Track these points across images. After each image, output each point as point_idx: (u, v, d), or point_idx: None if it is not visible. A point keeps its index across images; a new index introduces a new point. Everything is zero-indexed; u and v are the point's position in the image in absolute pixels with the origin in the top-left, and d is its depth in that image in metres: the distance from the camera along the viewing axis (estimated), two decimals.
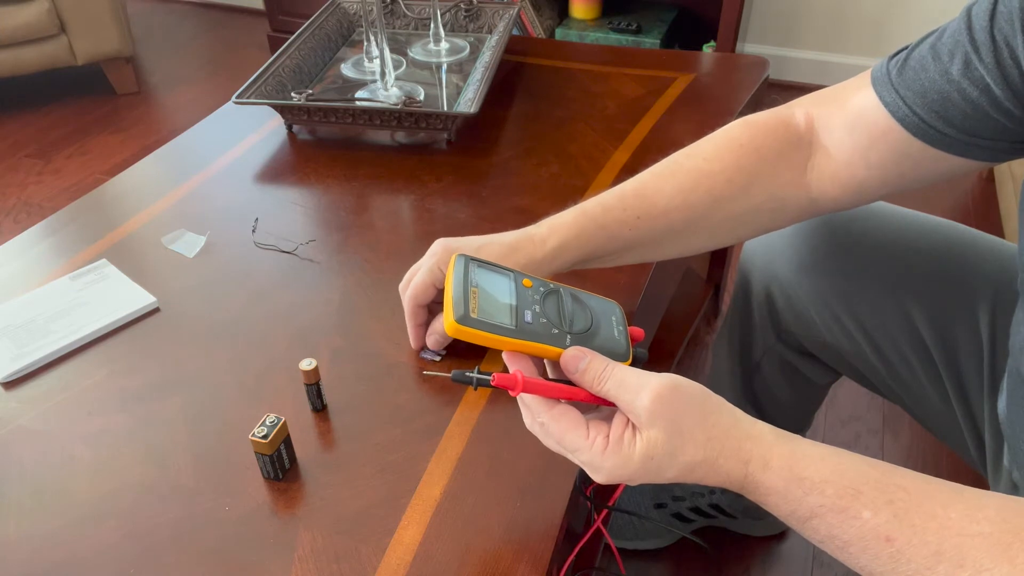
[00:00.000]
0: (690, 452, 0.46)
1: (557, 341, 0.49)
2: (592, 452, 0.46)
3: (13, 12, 2.14)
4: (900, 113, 0.58)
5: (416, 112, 1.04)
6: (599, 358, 0.48)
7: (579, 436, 0.47)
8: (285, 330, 0.79)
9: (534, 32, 2.06)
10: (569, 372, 0.49)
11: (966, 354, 0.71)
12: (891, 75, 0.60)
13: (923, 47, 0.58)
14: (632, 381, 0.47)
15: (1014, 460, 0.63)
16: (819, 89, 0.69)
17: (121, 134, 2.26)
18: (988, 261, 0.73)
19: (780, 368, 0.92)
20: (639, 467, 0.46)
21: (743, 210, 0.66)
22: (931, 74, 0.56)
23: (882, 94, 0.60)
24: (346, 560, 0.58)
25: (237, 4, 3.05)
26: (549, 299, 0.52)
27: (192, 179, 1.04)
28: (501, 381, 0.47)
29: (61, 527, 0.61)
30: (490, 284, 0.51)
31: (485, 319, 0.48)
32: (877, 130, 0.60)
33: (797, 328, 0.85)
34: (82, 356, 0.77)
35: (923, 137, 0.58)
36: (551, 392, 0.48)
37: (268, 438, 0.61)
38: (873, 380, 0.82)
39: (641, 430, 0.46)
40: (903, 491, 0.43)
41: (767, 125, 0.66)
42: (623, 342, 0.52)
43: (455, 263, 0.51)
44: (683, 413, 0.46)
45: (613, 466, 0.46)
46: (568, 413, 0.48)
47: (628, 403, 0.46)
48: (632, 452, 0.46)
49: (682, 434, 0.45)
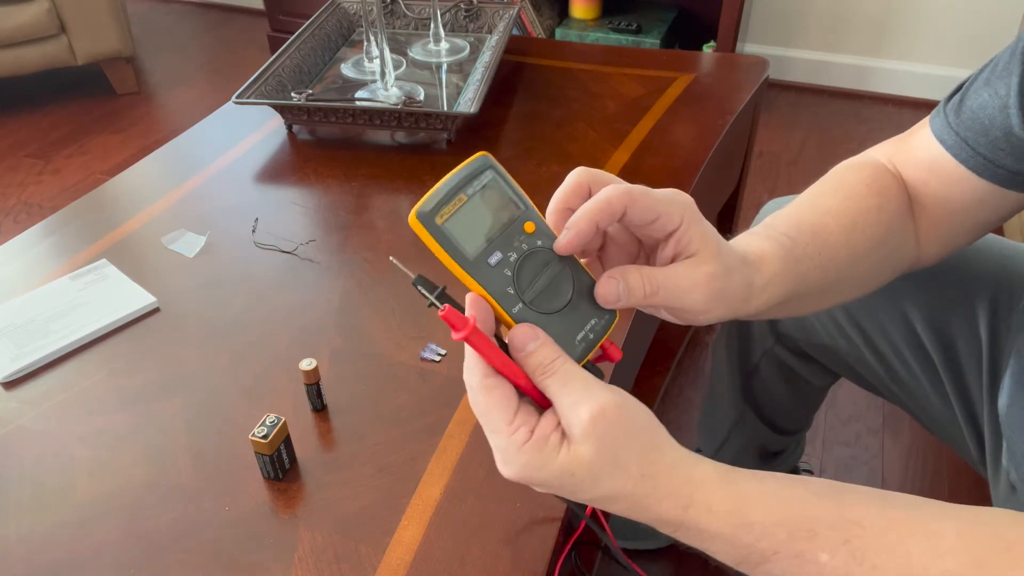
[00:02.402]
0: (618, 483, 0.41)
1: (506, 302, 0.43)
2: (508, 441, 0.42)
3: (13, 12, 2.14)
4: (963, 155, 0.56)
5: (416, 112, 1.04)
6: (551, 346, 0.43)
7: (502, 418, 0.42)
8: (285, 330, 0.79)
9: (534, 32, 2.06)
10: (515, 349, 0.43)
11: (965, 353, 0.71)
12: (948, 117, 0.57)
13: (978, 83, 0.55)
14: (577, 387, 0.42)
15: (1012, 460, 0.63)
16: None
17: (121, 134, 2.26)
18: (987, 259, 0.72)
19: (779, 370, 0.91)
20: (553, 478, 0.41)
21: (883, 255, 0.59)
22: (990, 111, 0.53)
23: (943, 137, 0.57)
24: (346, 560, 0.58)
25: (237, 4, 3.05)
26: (535, 257, 0.44)
27: (192, 179, 1.04)
28: (451, 315, 0.41)
29: (61, 527, 0.61)
30: (487, 202, 0.44)
31: (447, 233, 0.42)
32: (950, 178, 0.57)
33: (795, 330, 0.85)
34: (82, 356, 0.77)
35: (994, 179, 0.55)
36: (494, 360, 0.42)
37: (268, 438, 0.61)
38: (872, 381, 0.82)
39: (570, 442, 0.41)
40: (858, 526, 0.40)
41: (877, 171, 0.60)
42: (580, 349, 0.45)
43: (474, 159, 0.44)
44: (622, 440, 0.41)
45: (526, 464, 0.41)
46: (501, 388, 0.42)
47: (566, 409, 0.41)
48: (552, 459, 0.41)
49: (615, 462, 0.41)
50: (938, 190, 0.59)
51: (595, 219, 0.43)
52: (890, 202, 0.58)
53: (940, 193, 0.58)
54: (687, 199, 0.45)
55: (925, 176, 0.59)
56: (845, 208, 0.57)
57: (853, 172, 0.60)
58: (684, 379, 1.43)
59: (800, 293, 0.53)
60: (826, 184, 0.60)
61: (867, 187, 0.58)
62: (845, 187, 0.59)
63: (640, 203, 0.43)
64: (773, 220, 0.55)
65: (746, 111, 1.20)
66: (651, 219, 0.43)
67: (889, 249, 0.59)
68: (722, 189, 1.33)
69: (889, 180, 0.60)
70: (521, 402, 0.43)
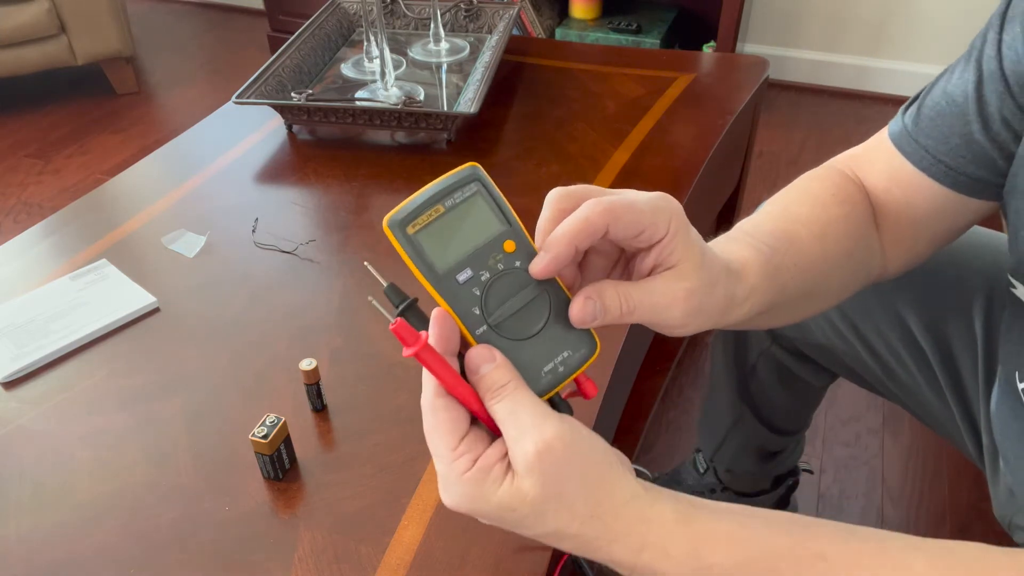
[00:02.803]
0: (564, 521, 0.39)
1: (470, 323, 0.40)
2: (449, 468, 0.39)
3: (13, 12, 2.14)
4: (924, 163, 0.55)
5: (416, 112, 1.04)
6: (506, 370, 0.40)
7: (445, 443, 0.39)
8: (285, 330, 0.79)
9: (534, 32, 2.06)
10: (469, 371, 0.40)
11: (961, 353, 0.71)
12: (907, 125, 0.57)
13: (936, 91, 0.56)
14: (525, 417, 0.39)
15: (1007, 465, 0.63)
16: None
17: (121, 134, 2.26)
18: (981, 256, 0.72)
19: (776, 371, 0.91)
20: (493, 511, 0.39)
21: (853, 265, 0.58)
22: (948, 118, 0.53)
23: (902, 146, 0.57)
24: (346, 560, 0.58)
25: (237, 4, 3.05)
26: (510, 279, 0.41)
27: (192, 179, 1.04)
28: (401, 329, 0.38)
29: (61, 527, 0.61)
30: (467, 216, 0.41)
31: (418, 244, 0.40)
32: (912, 188, 0.57)
33: (791, 330, 0.85)
34: (82, 356, 0.77)
35: (956, 187, 0.55)
36: (446, 380, 0.40)
37: (268, 438, 0.61)
38: (870, 380, 0.81)
39: (514, 476, 0.39)
40: (823, 560, 0.38)
41: (842, 180, 0.60)
42: (545, 381, 0.42)
43: (462, 169, 0.42)
44: (569, 477, 0.38)
45: (464, 495, 0.39)
46: (449, 411, 0.40)
47: (511, 440, 0.39)
48: (492, 492, 0.38)
49: (560, 499, 0.38)
50: (900, 198, 0.58)
51: (574, 241, 0.40)
52: (856, 211, 0.58)
53: (902, 201, 0.58)
54: (675, 206, 0.42)
55: (886, 184, 0.59)
56: (815, 217, 0.55)
57: (818, 182, 0.59)
58: (684, 379, 1.43)
59: (778, 304, 0.51)
60: (792, 193, 0.59)
61: (832, 196, 0.57)
62: (811, 196, 0.58)
63: (624, 219, 0.40)
64: (750, 228, 0.53)
65: (746, 111, 1.20)
66: (635, 233, 0.40)
67: (857, 260, 0.58)
68: (722, 189, 1.33)
69: (853, 189, 0.59)
70: (473, 428, 0.40)
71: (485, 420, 0.41)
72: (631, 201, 0.40)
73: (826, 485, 1.22)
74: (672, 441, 1.32)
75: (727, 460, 1.03)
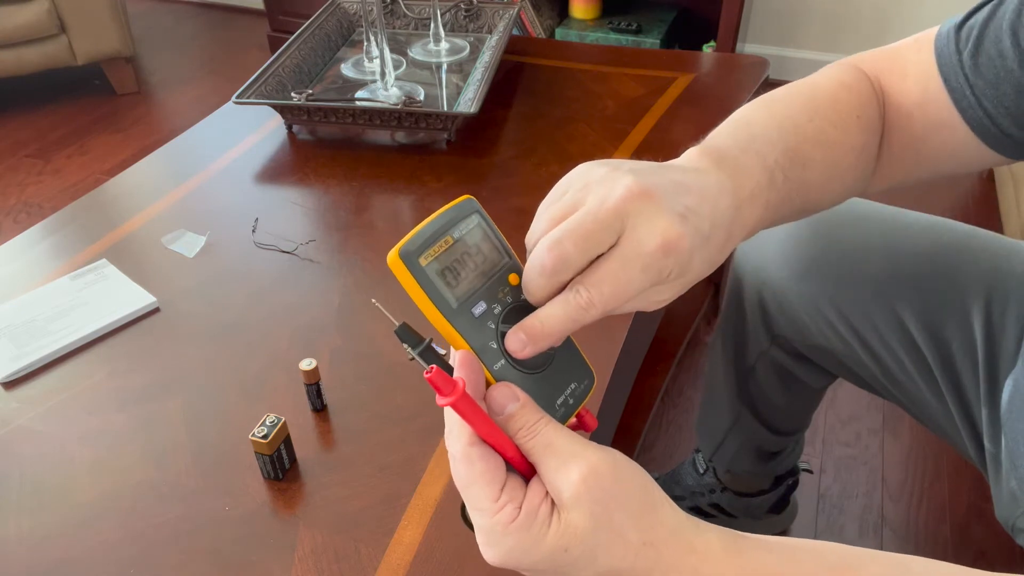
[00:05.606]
0: (617, 555, 0.36)
1: (488, 358, 0.39)
2: (494, 520, 0.36)
3: (13, 12, 2.14)
4: (964, 103, 0.51)
5: (416, 112, 1.04)
6: (533, 407, 0.38)
7: (486, 495, 0.37)
8: (285, 330, 0.79)
9: (534, 32, 2.06)
10: (494, 412, 0.38)
11: (960, 355, 0.71)
12: (962, 54, 0.51)
13: (1003, 25, 0.49)
14: (563, 446, 0.37)
15: (1013, 471, 0.63)
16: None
17: (121, 134, 2.26)
18: (981, 260, 0.71)
19: (775, 371, 0.91)
20: (546, 557, 0.36)
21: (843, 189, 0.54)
22: (1009, 62, 0.48)
23: (948, 76, 0.52)
24: (346, 560, 0.58)
25: (237, 4, 3.05)
26: (520, 312, 0.40)
27: (192, 179, 1.04)
28: (438, 378, 0.36)
29: (61, 527, 0.61)
30: (474, 248, 0.40)
31: (431, 277, 0.38)
32: (938, 120, 0.52)
33: (790, 331, 0.85)
34: (82, 356, 0.77)
35: (984, 137, 0.51)
36: (480, 428, 0.37)
37: (268, 438, 0.61)
38: (869, 381, 0.81)
39: (561, 511, 0.36)
40: None
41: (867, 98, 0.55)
42: (560, 413, 0.41)
43: (460, 201, 0.41)
44: (618, 502, 0.36)
45: (514, 547, 0.36)
46: (487, 460, 0.37)
47: (552, 471, 0.37)
48: (543, 535, 0.36)
49: (611, 528, 0.36)
50: (919, 126, 0.54)
51: (568, 333, 0.39)
52: (871, 141, 0.54)
53: (920, 128, 0.54)
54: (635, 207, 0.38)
55: (911, 107, 0.54)
56: (835, 142, 0.52)
57: (846, 93, 0.54)
58: (684, 379, 1.43)
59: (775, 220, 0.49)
60: (822, 99, 0.54)
61: (857, 120, 0.53)
62: (838, 114, 0.53)
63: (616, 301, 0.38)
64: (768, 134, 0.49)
65: None
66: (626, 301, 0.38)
67: (849, 183, 0.54)
68: None
69: (874, 112, 0.55)
70: (508, 475, 0.38)
71: (519, 466, 0.39)
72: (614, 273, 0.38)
73: (826, 485, 1.22)
74: (672, 441, 1.32)
75: (726, 460, 1.03)
